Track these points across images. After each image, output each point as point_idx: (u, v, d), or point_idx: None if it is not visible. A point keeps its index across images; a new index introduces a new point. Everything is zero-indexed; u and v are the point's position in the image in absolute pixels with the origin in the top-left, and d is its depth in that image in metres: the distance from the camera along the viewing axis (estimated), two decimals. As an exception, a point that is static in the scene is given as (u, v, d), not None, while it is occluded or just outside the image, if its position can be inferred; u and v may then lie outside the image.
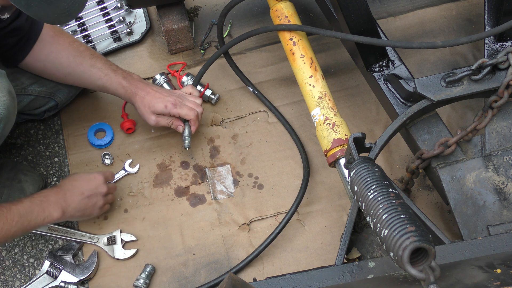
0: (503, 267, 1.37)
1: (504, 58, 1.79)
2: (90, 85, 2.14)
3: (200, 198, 2.19)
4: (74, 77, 2.10)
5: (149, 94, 2.08)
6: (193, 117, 2.11)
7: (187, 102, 2.12)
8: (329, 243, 2.09)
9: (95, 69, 2.07)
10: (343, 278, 1.51)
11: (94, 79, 2.09)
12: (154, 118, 2.10)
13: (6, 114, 1.75)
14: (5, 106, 1.74)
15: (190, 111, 2.10)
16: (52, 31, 2.04)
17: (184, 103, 2.11)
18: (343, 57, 2.39)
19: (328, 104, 1.93)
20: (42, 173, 2.25)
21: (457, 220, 1.79)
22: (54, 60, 2.03)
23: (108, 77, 2.08)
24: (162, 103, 2.08)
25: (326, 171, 2.20)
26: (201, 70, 2.27)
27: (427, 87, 1.82)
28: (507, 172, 1.80)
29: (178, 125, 2.12)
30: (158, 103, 2.08)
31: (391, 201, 1.36)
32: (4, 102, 1.74)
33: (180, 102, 2.10)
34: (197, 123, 2.13)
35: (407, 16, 2.50)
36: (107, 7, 2.53)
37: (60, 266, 2.04)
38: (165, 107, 2.08)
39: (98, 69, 2.07)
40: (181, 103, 2.10)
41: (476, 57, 2.38)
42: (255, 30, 2.16)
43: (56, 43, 2.03)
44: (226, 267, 2.07)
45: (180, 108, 2.09)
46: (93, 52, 2.11)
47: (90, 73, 2.07)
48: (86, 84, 2.13)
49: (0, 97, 1.73)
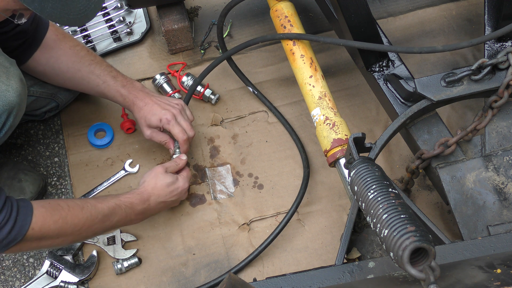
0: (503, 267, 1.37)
1: (504, 58, 1.79)
2: (89, 91, 2.13)
3: (200, 198, 2.19)
4: (73, 83, 2.10)
5: (147, 105, 2.05)
6: (181, 140, 2.06)
7: (183, 121, 2.07)
8: (329, 243, 2.09)
9: (93, 75, 2.06)
10: (343, 278, 1.51)
11: (92, 86, 2.08)
12: (148, 133, 2.09)
13: (18, 102, 1.76)
14: (17, 93, 1.76)
15: (181, 133, 2.05)
16: (55, 35, 2.03)
17: (180, 122, 2.07)
18: (343, 57, 2.39)
19: (328, 104, 1.93)
20: (42, 173, 2.25)
21: (457, 220, 1.79)
22: (53, 65, 2.03)
23: (106, 84, 2.07)
24: (157, 117, 2.04)
25: (326, 171, 2.20)
26: (202, 72, 2.24)
27: (427, 87, 1.82)
28: (507, 172, 1.80)
29: (170, 147, 2.11)
30: (153, 116, 2.05)
31: (391, 201, 1.36)
32: (17, 89, 1.75)
33: (175, 119, 2.06)
34: (185, 147, 2.08)
35: (407, 16, 2.50)
36: (107, 7, 2.53)
37: (60, 266, 2.04)
38: (160, 121, 2.05)
39: (97, 76, 2.06)
40: (176, 120, 2.06)
41: (476, 57, 2.38)
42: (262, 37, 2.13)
43: (57, 48, 2.03)
44: (226, 267, 2.07)
45: (173, 127, 2.05)
46: (94, 57, 2.08)
47: (88, 79, 2.07)
48: (86, 90, 2.13)
49: (13, 84, 1.75)
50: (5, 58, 1.79)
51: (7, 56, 1.80)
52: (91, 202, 1.82)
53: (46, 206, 1.72)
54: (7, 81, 1.74)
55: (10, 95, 1.74)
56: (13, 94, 1.75)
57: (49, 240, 1.75)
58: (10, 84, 1.74)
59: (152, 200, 1.96)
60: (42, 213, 1.69)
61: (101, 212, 1.82)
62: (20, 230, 1.65)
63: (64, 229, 1.74)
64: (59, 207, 1.74)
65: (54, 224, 1.71)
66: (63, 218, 1.73)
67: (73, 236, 1.79)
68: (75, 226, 1.76)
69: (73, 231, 1.77)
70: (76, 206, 1.78)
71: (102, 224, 1.84)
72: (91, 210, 1.80)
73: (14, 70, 1.78)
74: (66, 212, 1.74)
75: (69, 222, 1.74)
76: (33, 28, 1.96)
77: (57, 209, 1.73)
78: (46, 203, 1.74)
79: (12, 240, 1.65)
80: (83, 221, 1.78)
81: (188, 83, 2.34)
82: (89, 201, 1.83)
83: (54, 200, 1.77)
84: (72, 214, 1.75)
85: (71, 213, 1.75)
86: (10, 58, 1.80)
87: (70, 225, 1.75)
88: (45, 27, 2.00)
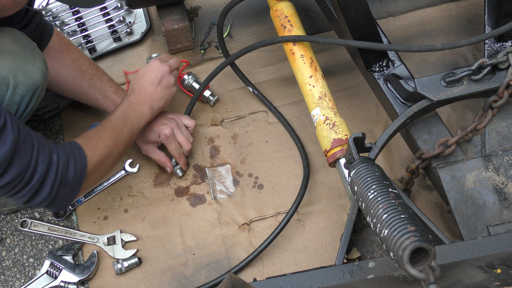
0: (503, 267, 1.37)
1: (504, 58, 1.79)
2: (88, 104, 2.15)
3: (200, 198, 2.19)
4: (73, 95, 2.13)
5: None
6: (176, 156, 2.14)
7: (180, 136, 2.13)
8: (329, 243, 2.09)
9: (93, 90, 2.08)
10: (343, 278, 1.51)
11: (92, 100, 2.11)
12: (145, 149, 2.15)
13: (42, 82, 1.78)
14: (43, 74, 1.77)
15: (176, 150, 2.13)
16: (58, 45, 2.03)
17: (177, 137, 2.13)
18: (343, 57, 2.39)
19: (328, 104, 1.93)
20: (42, 173, 2.25)
21: (457, 220, 1.79)
22: (54, 76, 2.03)
23: (106, 99, 2.09)
24: (156, 134, 2.11)
25: (326, 171, 2.20)
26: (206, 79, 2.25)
27: (427, 87, 1.82)
28: (507, 172, 1.80)
29: (167, 166, 2.17)
30: (152, 133, 2.10)
31: (391, 201, 1.36)
32: (42, 69, 1.76)
33: (173, 135, 2.11)
34: (181, 160, 2.16)
35: (407, 16, 2.50)
36: (107, 7, 2.53)
37: (60, 266, 2.05)
38: (158, 137, 2.11)
39: (97, 91, 2.08)
40: (173, 137, 2.11)
41: (476, 57, 2.38)
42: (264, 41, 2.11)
43: (59, 59, 2.03)
44: (226, 267, 2.07)
45: (170, 143, 2.11)
46: (96, 71, 2.10)
47: (88, 94, 2.09)
48: (85, 102, 2.15)
49: (38, 64, 1.76)
50: (29, 40, 1.80)
51: (29, 39, 1.81)
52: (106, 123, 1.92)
53: (86, 139, 1.81)
54: (33, 62, 1.75)
55: (36, 75, 1.75)
56: (39, 74, 1.75)
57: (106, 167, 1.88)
58: (35, 65, 1.75)
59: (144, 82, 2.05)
60: (88, 146, 1.78)
61: (118, 119, 1.93)
62: (82, 162, 1.74)
63: (109, 148, 1.85)
64: (93, 134, 1.85)
65: (105, 151, 1.83)
66: (102, 139, 1.84)
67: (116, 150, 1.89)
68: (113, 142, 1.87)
69: (115, 146, 1.88)
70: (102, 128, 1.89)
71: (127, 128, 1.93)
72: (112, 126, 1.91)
73: (38, 51, 1.79)
74: (101, 134, 1.85)
75: (107, 143, 1.84)
76: (36, 34, 1.95)
77: (92, 137, 1.84)
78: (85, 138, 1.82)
79: (81, 174, 1.73)
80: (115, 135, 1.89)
81: (188, 82, 2.34)
82: (105, 123, 1.92)
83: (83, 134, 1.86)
84: (105, 136, 1.86)
85: (105, 134, 1.86)
86: (32, 41, 1.81)
87: (111, 142, 1.86)
88: (49, 35, 2.01)
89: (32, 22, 1.92)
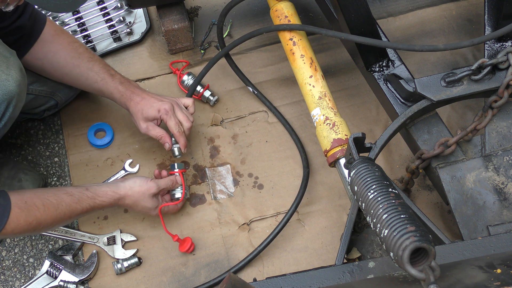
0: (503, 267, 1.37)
1: (504, 58, 1.79)
2: (86, 88, 2.13)
3: (200, 198, 2.19)
4: (71, 78, 2.10)
5: (144, 99, 2.06)
6: (176, 133, 2.06)
7: (180, 113, 2.08)
8: (329, 243, 2.09)
9: (92, 72, 2.06)
10: (343, 278, 1.51)
11: (91, 82, 2.08)
12: (144, 126, 2.07)
13: (18, 91, 1.77)
14: (17, 83, 1.77)
15: (176, 126, 2.05)
16: (53, 29, 2.04)
17: (177, 113, 2.07)
18: (343, 57, 2.39)
19: (328, 104, 1.93)
20: (42, 173, 2.25)
21: (457, 220, 1.79)
22: (52, 60, 2.03)
23: (104, 81, 2.07)
24: (155, 108, 2.04)
25: (326, 171, 2.20)
26: (202, 71, 2.26)
27: (427, 87, 1.82)
28: (507, 172, 1.80)
29: (166, 142, 2.08)
30: (151, 108, 2.05)
31: (391, 201, 1.36)
32: (16, 78, 1.76)
33: (173, 111, 2.06)
34: (182, 140, 2.07)
35: (407, 16, 2.50)
36: (107, 7, 2.53)
37: (60, 266, 2.05)
38: (158, 112, 2.04)
39: (95, 72, 2.06)
40: (173, 112, 2.06)
41: (476, 57, 2.38)
42: (257, 31, 2.15)
43: (55, 43, 2.03)
44: (226, 267, 2.07)
45: (170, 118, 2.05)
46: (92, 55, 2.09)
47: (86, 76, 2.07)
48: (83, 86, 2.13)
49: (12, 73, 1.75)
50: (5, 48, 1.80)
51: (7, 47, 1.81)
52: (66, 201, 1.84)
53: (22, 207, 1.74)
54: (7, 71, 1.75)
55: (10, 85, 1.75)
56: (13, 84, 1.76)
57: (19, 235, 1.84)
58: (10, 74, 1.75)
59: (126, 205, 2.00)
60: (17, 215, 1.73)
61: (75, 212, 1.86)
62: None
63: (35, 229, 1.80)
64: (34, 207, 1.77)
65: (27, 226, 1.75)
66: (37, 220, 1.77)
67: (42, 231, 1.88)
68: (46, 226, 1.82)
69: (44, 229, 1.83)
70: (52, 206, 1.80)
71: (72, 219, 1.90)
72: (65, 211, 1.83)
73: (14, 60, 1.79)
74: (41, 213, 1.78)
75: (42, 223, 1.79)
76: (30, 23, 1.97)
77: (32, 210, 1.76)
78: (23, 202, 1.76)
79: None
80: (56, 220, 1.83)
81: (188, 82, 2.34)
82: (65, 200, 1.84)
83: (32, 198, 1.79)
84: (46, 215, 1.79)
85: (46, 214, 1.79)
86: (10, 49, 1.81)
87: (43, 226, 1.80)
88: (43, 22, 2.02)
89: (26, 11, 1.94)
